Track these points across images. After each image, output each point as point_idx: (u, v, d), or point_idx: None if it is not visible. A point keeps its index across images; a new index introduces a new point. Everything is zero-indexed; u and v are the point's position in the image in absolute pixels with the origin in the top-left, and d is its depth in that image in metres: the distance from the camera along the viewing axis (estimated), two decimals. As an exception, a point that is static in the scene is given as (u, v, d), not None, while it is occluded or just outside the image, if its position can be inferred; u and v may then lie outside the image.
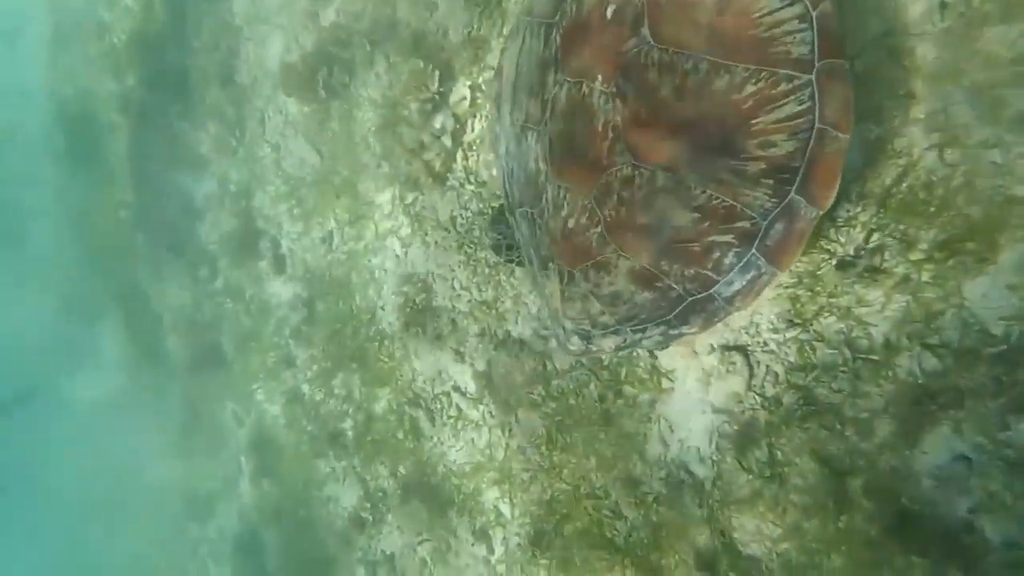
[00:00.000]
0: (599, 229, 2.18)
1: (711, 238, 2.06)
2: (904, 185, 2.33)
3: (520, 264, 3.32)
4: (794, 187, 1.97)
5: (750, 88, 1.90)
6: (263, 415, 7.72)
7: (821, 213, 2.01)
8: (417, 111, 4.22)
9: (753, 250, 2.06)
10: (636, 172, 2.06)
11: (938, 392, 2.47)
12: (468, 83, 4.01)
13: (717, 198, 2.00)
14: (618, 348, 2.43)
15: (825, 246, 2.60)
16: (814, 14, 1.87)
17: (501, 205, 3.30)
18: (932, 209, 2.29)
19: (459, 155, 4.24)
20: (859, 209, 2.49)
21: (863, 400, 2.69)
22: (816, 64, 1.88)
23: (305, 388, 6.71)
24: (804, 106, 1.89)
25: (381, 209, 5.16)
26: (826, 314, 2.71)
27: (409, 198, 4.79)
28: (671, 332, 2.30)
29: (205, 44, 7.44)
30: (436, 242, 4.70)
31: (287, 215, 6.55)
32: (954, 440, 2.47)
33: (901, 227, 2.37)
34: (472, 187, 4.26)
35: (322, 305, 6.27)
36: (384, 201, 5.09)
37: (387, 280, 5.30)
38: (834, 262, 2.58)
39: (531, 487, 4.25)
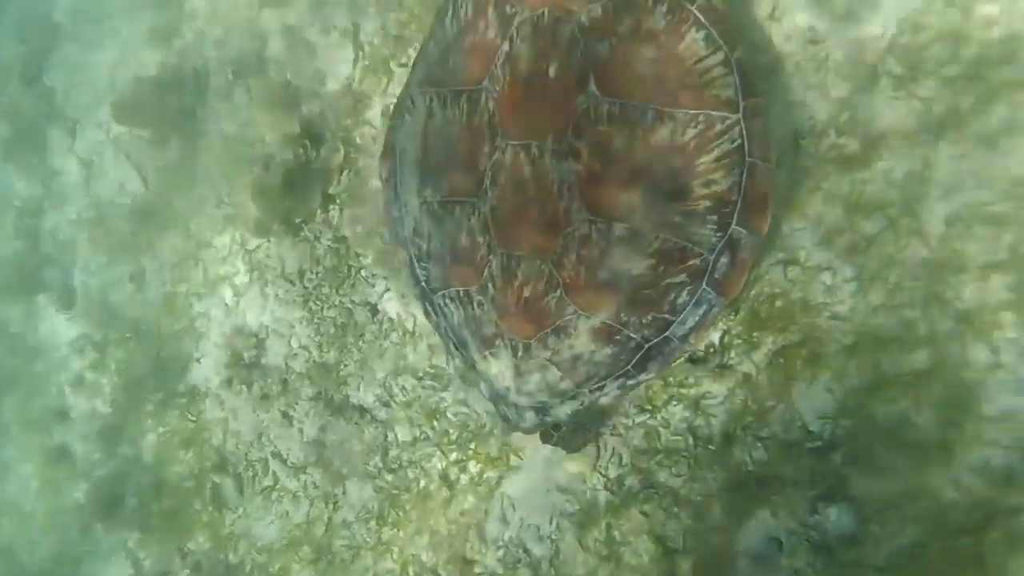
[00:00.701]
0: (558, 293, 2.12)
1: (667, 281, 2.12)
2: (753, 293, 2.67)
3: None
4: (734, 219, 2.12)
5: (691, 132, 2.04)
6: (6, 475, 6.37)
7: (761, 238, 2.17)
8: (279, 157, 3.99)
9: (704, 285, 2.16)
10: (593, 228, 2.06)
11: (763, 480, 2.76)
12: (342, 135, 3.90)
13: (670, 241, 2.08)
14: (575, 413, 2.36)
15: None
16: (733, 59, 2.09)
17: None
18: (774, 318, 2.63)
19: (320, 207, 4.05)
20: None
21: (699, 484, 2.91)
22: (741, 104, 2.08)
23: (78, 446, 5.68)
24: (736, 144, 2.08)
25: (216, 252, 4.70)
26: (675, 403, 2.94)
27: (253, 244, 4.43)
28: (629, 383, 2.29)
29: (6, 32, 6.42)
30: (277, 295, 4.37)
31: (89, 244, 5.70)
32: (771, 523, 2.75)
33: (748, 331, 2.70)
34: (329, 241, 4.07)
35: (119, 351, 5.45)
36: (221, 244, 4.65)
37: (210, 330, 4.77)
38: (687, 356, 2.83)
39: (352, 566, 3.94)
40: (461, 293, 2.32)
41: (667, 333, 2.21)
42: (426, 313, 2.63)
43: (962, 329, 2.33)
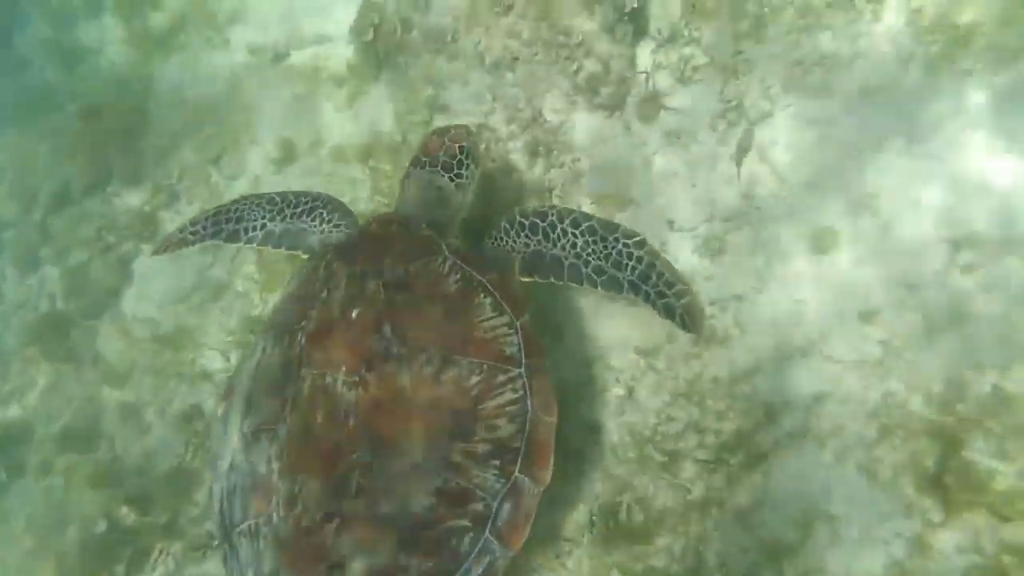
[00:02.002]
0: (336, 523, 2.08)
1: (448, 523, 2.13)
2: None
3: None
4: (517, 467, 2.23)
5: (475, 378, 2.27)
6: None
7: (542, 489, 2.28)
8: (91, 539, 3.72)
9: (486, 533, 2.16)
10: (375, 458, 2.13)
11: None
12: (165, 518, 3.72)
13: (452, 481, 2.14)
14: None
15: None
16: (518, 323, 2.42)
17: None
18: None
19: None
20: None
21: None
22: (523, 361, 2.35)
23: None
24: (518, 395, 2.31)
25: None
26: None
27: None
28: None
29: None
30: None
31: None
32: None
33: None
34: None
35: None
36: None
37: None
38: None
39: None
40: (252, 527, 2.25)
41: None
42: (224, 559, 2.44)
43: None
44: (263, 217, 3.19)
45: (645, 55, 3.38)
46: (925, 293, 2.62)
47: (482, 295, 2.44)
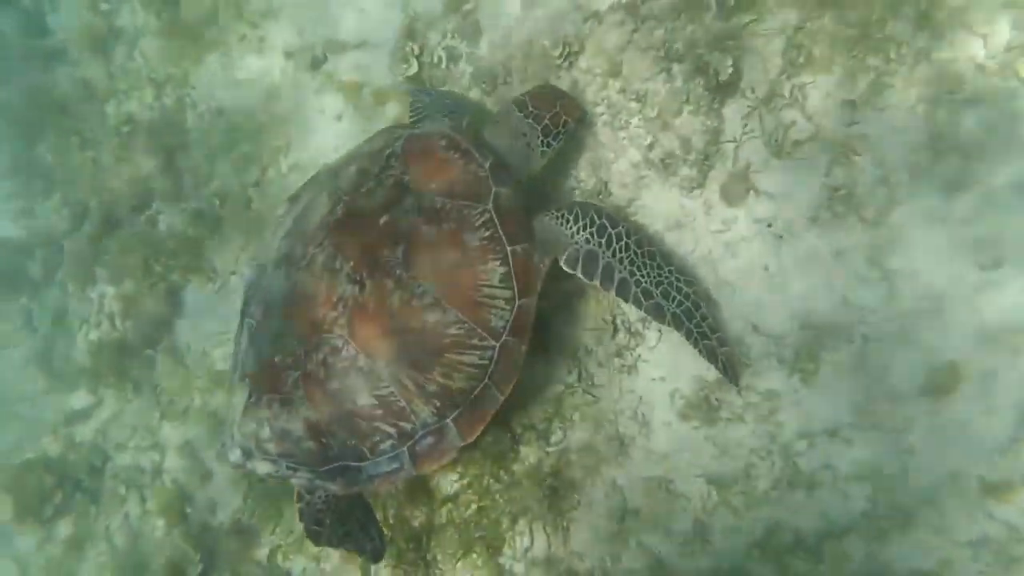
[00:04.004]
0: (297, 374, 2.52)
1: (378, 424, 2.50)
2: None
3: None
4: (452, 416, 2.52)
5: (453, 330, 2.49)
6: None
7: (462, 444, 2.54)
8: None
9: (404, 448, 2.52)
10: (344, 346, 2.48)
11: None
12: None
13: (395, 396, 2.48)
14: (269, 476, 2.63)
15: None
16: (517, 302, 2.57)
17: None
18: None
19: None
20: None
21: None
22: (503, 337, 2.54)
23: None
24: (483, 362, 2.53)
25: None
26: None
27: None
28: (316, 482, 2.58)
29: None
30: None
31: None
32: None
33: None
34: None
35: None
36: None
37: None
38: None
39: None
40: (252, 324, 2.75)
41: (360, 464, 2.54)
42: (236, 333, 2.92)
43: None
44: (432, 102, 3.39)
45: (734, 119, 2.82)
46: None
47: (498, 263, 2.55)
